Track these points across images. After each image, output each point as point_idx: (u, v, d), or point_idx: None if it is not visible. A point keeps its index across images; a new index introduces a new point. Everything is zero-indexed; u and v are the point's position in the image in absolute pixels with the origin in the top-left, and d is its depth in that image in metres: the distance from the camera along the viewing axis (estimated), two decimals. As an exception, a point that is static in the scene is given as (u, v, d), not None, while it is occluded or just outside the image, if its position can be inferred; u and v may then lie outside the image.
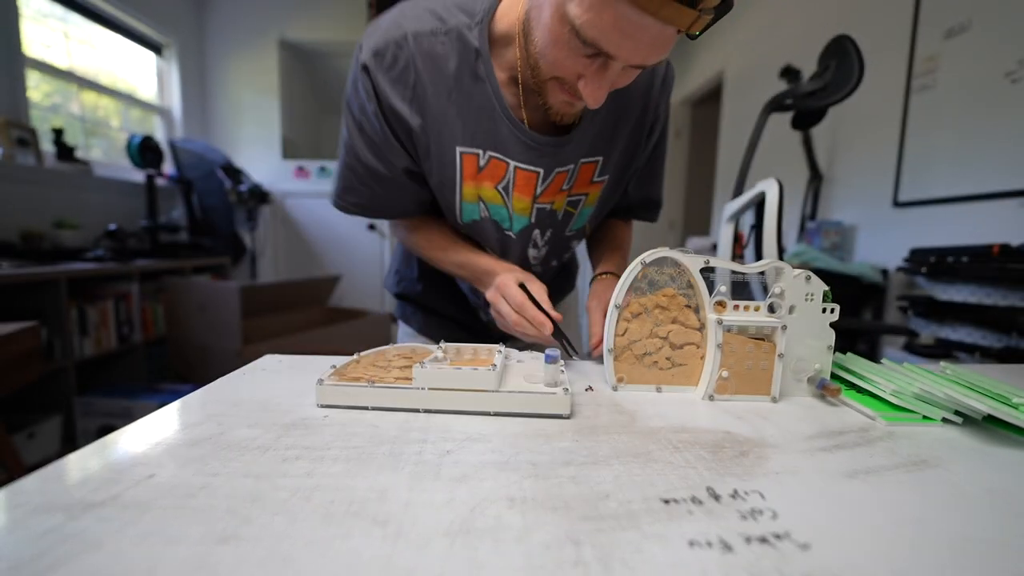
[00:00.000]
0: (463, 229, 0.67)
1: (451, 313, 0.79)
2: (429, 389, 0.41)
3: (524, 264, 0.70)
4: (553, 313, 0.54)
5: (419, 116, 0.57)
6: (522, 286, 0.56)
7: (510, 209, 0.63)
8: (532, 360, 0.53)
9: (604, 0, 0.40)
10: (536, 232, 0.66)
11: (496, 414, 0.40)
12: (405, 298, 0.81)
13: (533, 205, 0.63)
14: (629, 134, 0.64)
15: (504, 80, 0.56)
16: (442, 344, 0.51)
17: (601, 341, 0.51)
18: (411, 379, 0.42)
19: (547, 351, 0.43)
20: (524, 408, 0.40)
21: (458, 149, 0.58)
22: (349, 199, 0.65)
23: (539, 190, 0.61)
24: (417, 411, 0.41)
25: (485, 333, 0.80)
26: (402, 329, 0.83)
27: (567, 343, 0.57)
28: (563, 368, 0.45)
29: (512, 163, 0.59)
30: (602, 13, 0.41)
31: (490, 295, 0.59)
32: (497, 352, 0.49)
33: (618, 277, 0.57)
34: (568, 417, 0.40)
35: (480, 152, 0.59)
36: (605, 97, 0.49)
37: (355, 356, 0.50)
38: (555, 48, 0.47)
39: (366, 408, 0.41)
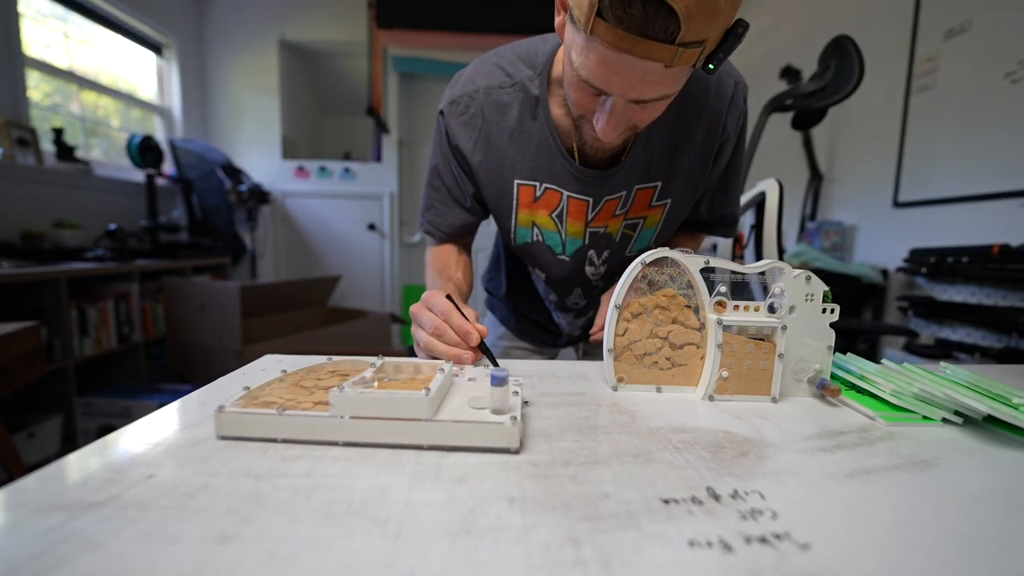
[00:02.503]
0: (517, 250, 0.75)
1: (529, 312, 0.88)
2: (350, 418, 0.34)
3: (583, 281, 0.76)
4: (479, 326, 0.53)
5: (482, 154, 0.67)
6: (449, 298, 0.55)
7: (563, 234, 0.69)
8: (486, 378, 0.45)
9: (588, 44, 0.45)
10: (592, 252, 0.72)
11: (430, 448, 0.34)
12: (491, 292, 0.94)
13: (586, 229, 0.68)
14: (693, 158, 0.65)
15: (561, 115, 0.62)
16: (379, 359, 0.45)
17: (601, 330, 0.53)
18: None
19: (493, 371, 0.36)
20: (462, 441, 0.34)
21: (516, 182, 0.66)
22: (427, 216, 0.75)
23: (590, 216, 0.67)
24: (335, 443, 0.34)
25: (558, 332, 0.88)
26: (489, 317, 0.96)
27: (492, 357, 0.54)
28: (517, 390, 0.39)
29: (566, 193, 0.65)
30: (588, 55, 0.46)
31: (414, 308, 0.56)
32: (439, 370, 0.41)
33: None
34: (516, 452, 0.33)
35: (537, 184, 0.66)
36: (617, 133, 0.52)
37: (280, 374, 0.44)
38: (572, 90, 0.53)
39: (275, 440, 0.34)
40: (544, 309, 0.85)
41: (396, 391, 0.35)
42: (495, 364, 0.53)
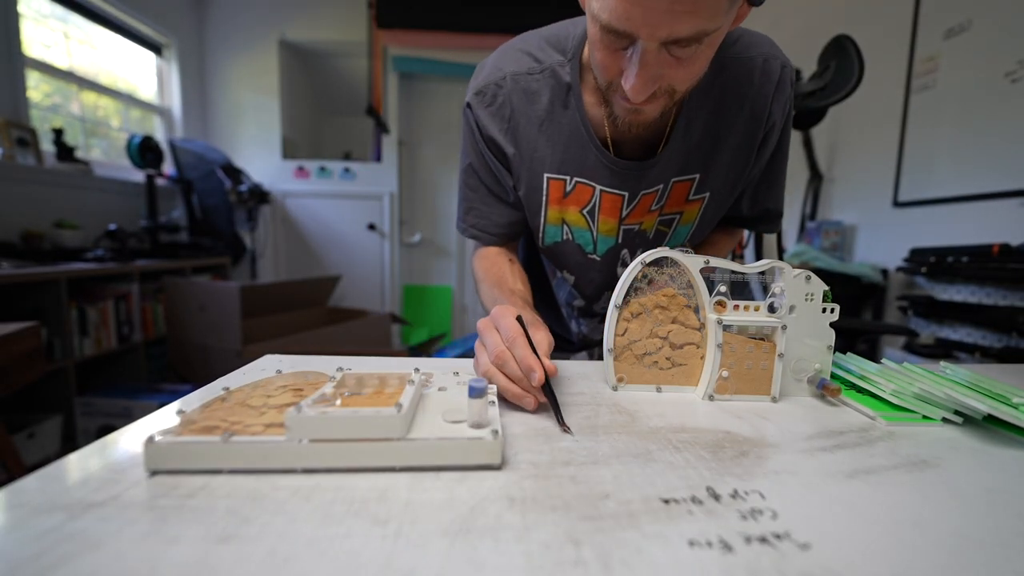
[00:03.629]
0: (545, 252, 0.70)
1: (549, 323, 0.84)
2: (309, 441, 0.30)
3: (614, 284, 0.71)
4: (548, 363, 0.42)
5: (513, 146, 0.62)
6: (519, 320, 0.45)
7: (595, 232, 0.65)
8: (458, 387, 0.42)
9: None
10: (625, 252, 0.67)
11: (404, 469, 0.31)
12: None
13: (620, 226, 0.64)
14: (736, 148, 0.60)
15: (594, 103, 0.58)
16: (339, 372, 0.40)
17: None
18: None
19: (472, 381, 0.33)
20: (440, 460, 0.31)
21: (546, 175, 0.62)
22: (468, 220, 0.70)
23: (624, 212, 0.63)
24: (294, 471, 0.30)
25: (581, 344, 0.85)
26: None
27: (558, 410, 0.40)
28: (493, 400, 0.37)
29: (598, 187, 0.61)
30: None
31: (481, 323, 0.48)
32: (409, 382, 0.37)
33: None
34: (499, 468, 0.31)
35: (567, 179, 0.62)
36: (649, 91, 0.46)
37: (221, 391, 0.38)
38: (596, 51, 0.48)
39: (219, 471, 0.30)
40: (559, 316, 0.81)
41: (362, 408, 0.31)
42: (560, 420, 0.39)
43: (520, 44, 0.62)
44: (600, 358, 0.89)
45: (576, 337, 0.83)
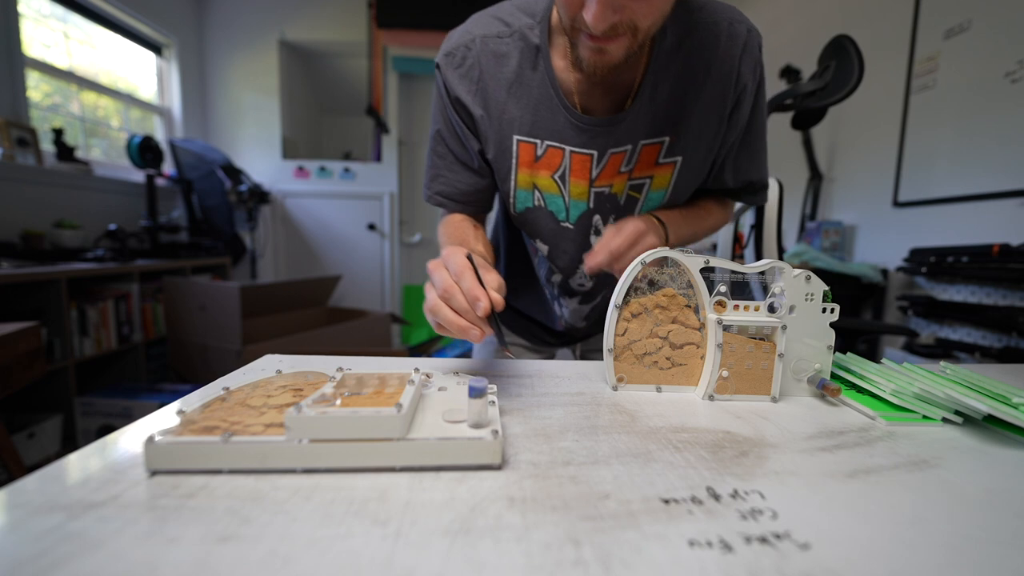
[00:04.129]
0: (517, 220, 0.70)
1: (527, 306, 0.83)
2: (309, 441, 0.30)
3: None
4: (494, 295, 0.43)
5: (481, 107, 0.62)
6: (468, 257, 0.46)
7: (567, 198, 0.65)
8: (458, 387, 0.42)
9: None
10: (597, 218, 0.67)
11: (403, 469, 0.31)
12: None
13: (590, 189, 0.64)
14: (705, 112, 0.60)
15: (563, 67, 0.60)
16: (339, 372, 0.41)
17: (598, 260, 0.53)
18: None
19: (472, 381, 0.33)
20: (440, 460, 0.31)
21: (515, 137, 0.62)
22: (434, 187, 0.70)
23: (595, 173, 0.63)
24: (294, 471, 0.30)
25: (555, 332, 0.83)
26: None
27: (500, 335, 0.45)
28: (494, 399, 0.37)
29: (568, 148, 0.62)
30: None
31: (431, 264, 0.48)
32: (410, 382, 0.37)
33: (660, 223, 0.61)
34: (499, 467, 0.31)
35: (538, 142, 0.62)
36: (609, 21, 0.47)
37: (221, 391, 0.38)
38: None
39: (219, 471, 0.30)
40: (544, 304, 0.81)
41: (362, 408, 0.31)
42: (503, 343, 0.46)
43: (492, 10, 0.63)
44: (584, 355, 0.88)
45: (560, 324, 0.81)
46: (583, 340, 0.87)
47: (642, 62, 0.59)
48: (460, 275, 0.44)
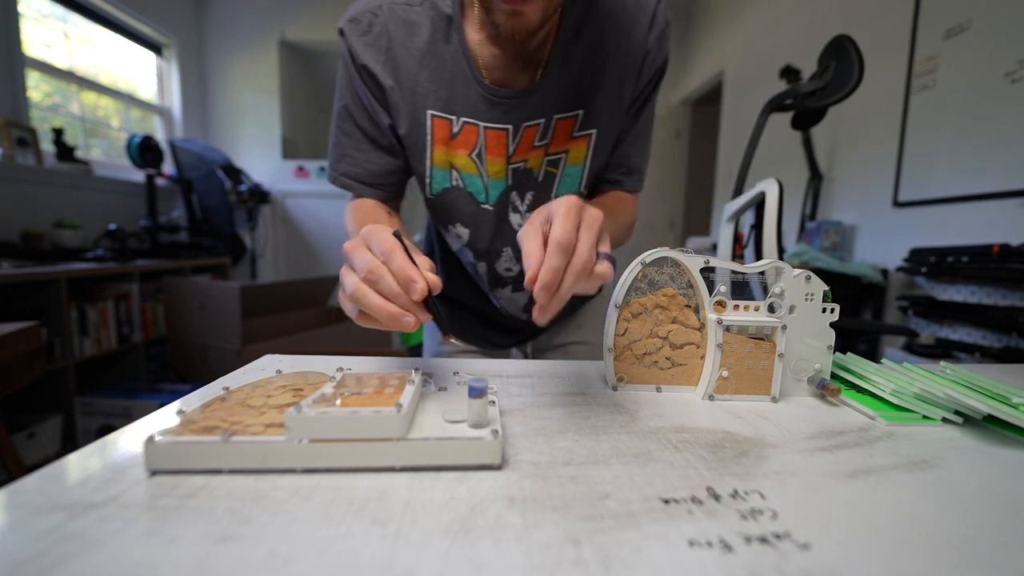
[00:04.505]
0: (435, 203, 0.66)
1: (471, 308, 0.80)
2: (309, 441, 0.30)
3: (511, 238, 0.67)
4: (430, 276, 0.39)
5: (391, 78, 0.59)
6: (396, 235, 0.40)
7: (485, 177, 0.63)
8: (458, 387, 0.43)
9: None
10: (514, 195, 0.64)
11: (403, 469, 0.31)
12: None
13: (508, 166, 0.62)
14: (615, 82, 0.61)
15: (477, 41, 0.58)
16: (339, 372, 0.41)
17: (535, 274, 0.36)
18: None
19: (472, 381, 0.32)
20: (440, 460, 0.31)
21: (429, 112, 0.60)
22: (340, 168, 0.65)
23: (511, 148, 0.61)
24: (294, 471, 0.30)
25: (505, 328, 0.80)
26: (425, 325, 0.85)
27: (440, 320, 0.41)
28: (494, 399, 0.37)
29: (482, 124, 0.60)
30: None
31: (348, 245, 0.41)
32: (410, 382, 0.37)
33: (584, 198, 0.54)
34: (499, 467, 0.31)
35: (453, 119, 0.60)
36: None
37: (221, 391, 0.38)
38: None
39: (219, 471, 0.30)
40: (482, 295, 0.77)
41: (362, 408, 0.31)
42: (444, 330, 0.41)
43: None
44: (534, 354, 0.84)
45: (506, 317, 0.78)
46: (533, 338, 0.83)
47: (552, 33, 0.58)
48: (388, 254, 0.38)
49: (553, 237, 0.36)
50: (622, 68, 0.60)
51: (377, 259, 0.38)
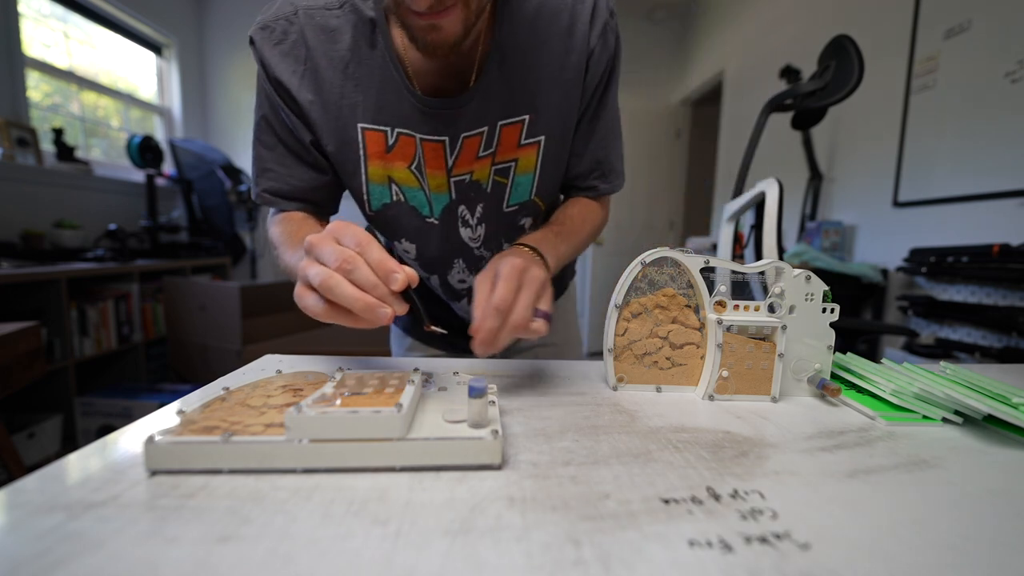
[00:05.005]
0: (375, 220, 0.62)
1: (432, 308, 0.76)
2: (309, 441, 0.30)
3: (462, 250, 0.64)
4: (408, 269, 0.38)
5: (312, 92, 0.54)
6: (370, 230, 0.42)
7: (427, 190, 0.59)
8: (458, 387, 0.42)
9: None
10: (463, 209, 0.61)
11: (403, 469, 0.31)
12: None
13: (449, 179, 0.58)
14: (562, 84, 0.56)
15: (406, 44, 0.53)
16: (339, 372, 0.40)
17: (488, 326, 0.41)
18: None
19: (472, 381, 0.32)
20: (440, 460, 0.31)
21: (360, 126, 0.55)
22: (264, 184, 0.60)
23: (450, 162, 0.57)
24: (294, 471, 0.30)
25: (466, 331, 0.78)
26: (393, 330, 0.83)
27: (420, 310, 0.40)
28: (494, 399, 0.36)
29: (418, 136, 0.56)
30: None
31: (312, 239, 0.39)
32: (410, 382, 0.37)
33: (534, 251, 0.51)
34: (499, 467, 0.31)
35: (388, 130, 0.55)
36: None
37: (221, 391, 0.38)
38: None
39: (219, 471, 0.30)
40: (449, 307, 0.74)
41: (361, 408, 0.31)
42: (426, 319, 0.41)
43: None
44: (502, 354, 0.82)
45: (468, 324, 0.75)
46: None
47: (485, 32, 0.53)
48: (365, 246, 0.38)
49: (492, 301, 0.41)
50: (567, 69, 0.56)
51: (351, 250, 0.37)
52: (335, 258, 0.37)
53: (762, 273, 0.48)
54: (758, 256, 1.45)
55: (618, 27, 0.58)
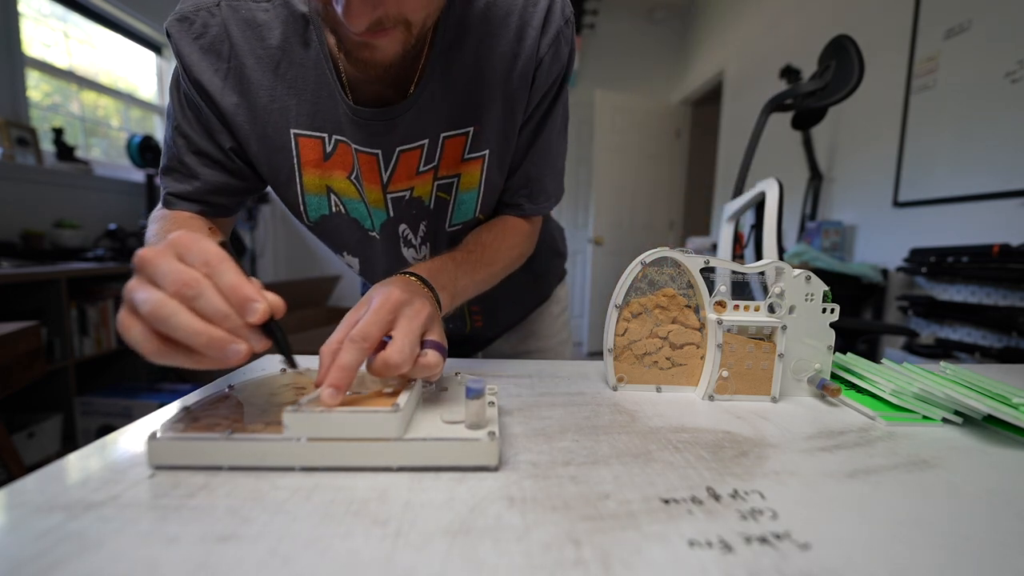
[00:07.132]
0: (315, 230, 0.58)
1: None
2: (307, 440, 0.30)
3: (406, 264, 0.58)
4: (271, 296, 0.32)
5: (237, 93, 0.49)
6: (224, 245, 0.32)
7: (367, 203, 0.55)
8: (459, 387, 0.42)
9: None
10: (404, 228, 0.56)
11: (400, 469, 0.31)
12: None
13: (385, 195, 0.54)
14: (505, 95, 0.52)
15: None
16: None
17: (325, 376, 0.33)
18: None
19: (470, 382, 0.32)
20: (436, 460, 0.31)
21: (293, 132, 0.50)
22: (172, 185, 0.53)
23: (385, 177, 0.52)
24: (293, 469, 0.30)
25: (451, 341, 0.74)
26: None
27: (285, 348, 0.33)
28: (493, 400, 0.36)
29: (354, 146, 0.51)
30: None
31: (145, 252, 0.31)
32: (410, 383, 0.37)
33: (422, 282, 0.44)
34: (495, 469, 0.31)
35: (325, 137, 0.51)
36: (366, 16, 0.37)
37: (226, 389, 0.38)
38: None
39: (220, 468, 0.30)
40: None
41: (359, 408, 0.31)
42: (290, 360, 0.34)
43: None
44: (498, 355, 0.80)
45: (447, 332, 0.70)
46: (483, 348, 0.77)
47: (427, 38, 0.49)
48: (215, 266, 0.30)
49: (351, 333, 0.34)
50: (513, 79, 0.51)
51: (195, 271, 0.30)
52: (173, 280, 0.29)
53: (762, 273, 0.48)
54: (758, 256, 1.45)
55: (573, 37, 0.53)
